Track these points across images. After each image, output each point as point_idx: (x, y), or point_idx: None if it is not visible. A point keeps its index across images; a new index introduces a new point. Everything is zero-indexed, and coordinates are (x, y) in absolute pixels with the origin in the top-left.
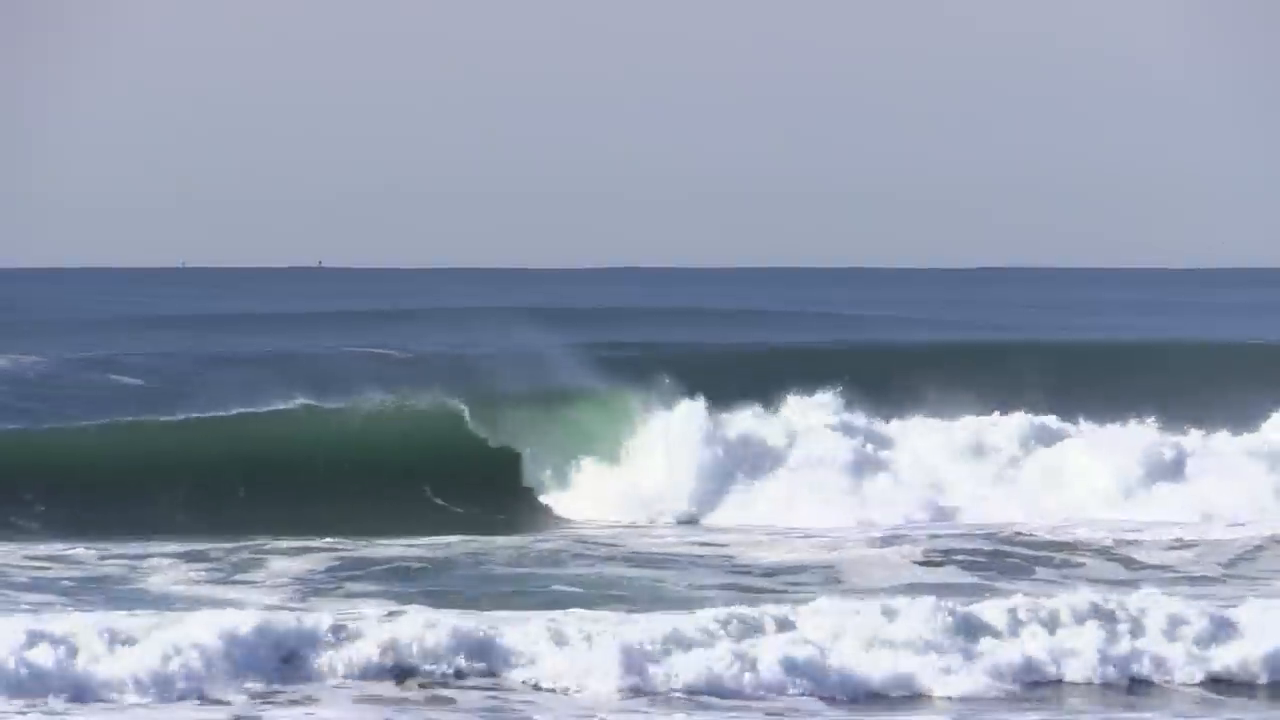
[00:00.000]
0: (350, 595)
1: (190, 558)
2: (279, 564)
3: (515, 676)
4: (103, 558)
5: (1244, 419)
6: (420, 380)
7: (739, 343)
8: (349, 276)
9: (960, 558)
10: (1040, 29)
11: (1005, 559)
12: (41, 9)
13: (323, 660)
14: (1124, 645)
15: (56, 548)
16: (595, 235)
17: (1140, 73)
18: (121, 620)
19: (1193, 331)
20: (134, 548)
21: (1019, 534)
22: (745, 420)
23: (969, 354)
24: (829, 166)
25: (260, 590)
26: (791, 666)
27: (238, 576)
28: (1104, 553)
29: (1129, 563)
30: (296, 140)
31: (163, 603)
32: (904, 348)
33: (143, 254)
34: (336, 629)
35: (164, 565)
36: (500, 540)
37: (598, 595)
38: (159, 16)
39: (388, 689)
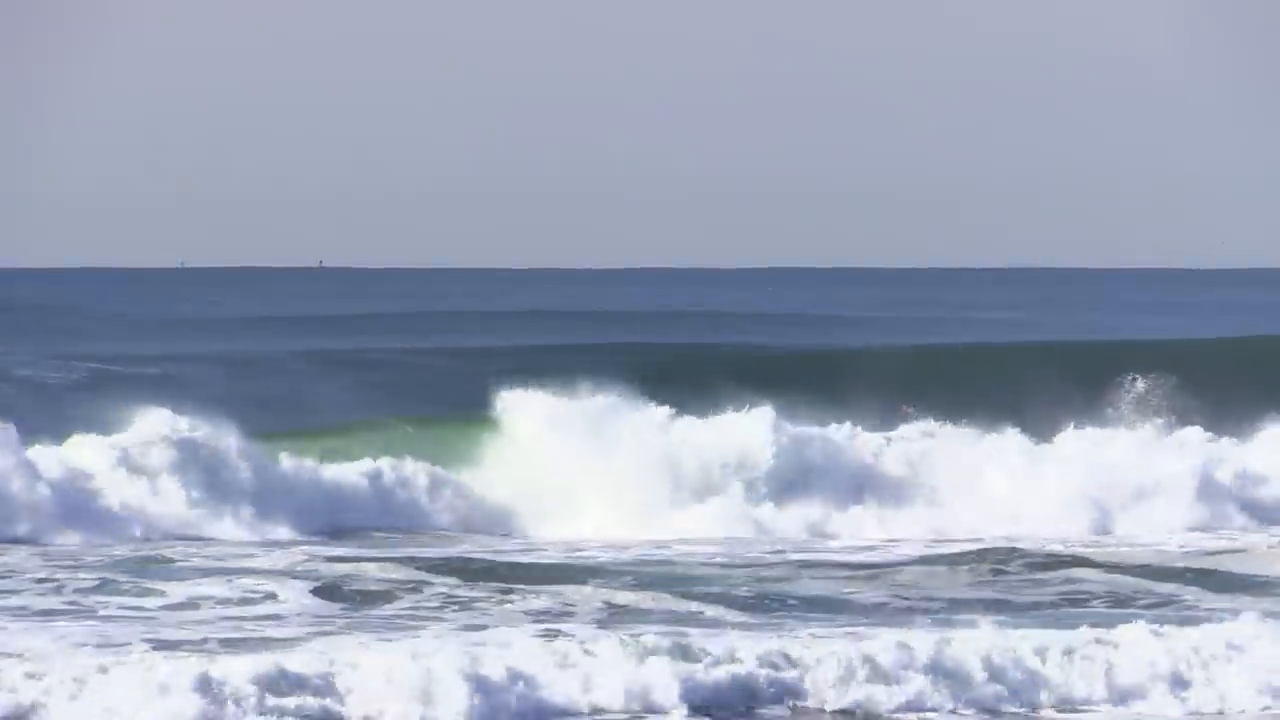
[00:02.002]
0: None
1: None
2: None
3: None
4: None
5: None
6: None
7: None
8: (349, 276)
9: None
10: (1040, 29)
11: None
12: (41, 9)
13: None
14: None
15: None
16: (595, 235)
17: (1140, 73)
18: None
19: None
20: None
21: None
22: None
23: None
24: (829, 166)
25: None
26: None
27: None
28: None
29: None
30: (296, 140)
31: None
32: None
33: (143, 254)
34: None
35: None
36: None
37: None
38: (159, 16)
39: None
